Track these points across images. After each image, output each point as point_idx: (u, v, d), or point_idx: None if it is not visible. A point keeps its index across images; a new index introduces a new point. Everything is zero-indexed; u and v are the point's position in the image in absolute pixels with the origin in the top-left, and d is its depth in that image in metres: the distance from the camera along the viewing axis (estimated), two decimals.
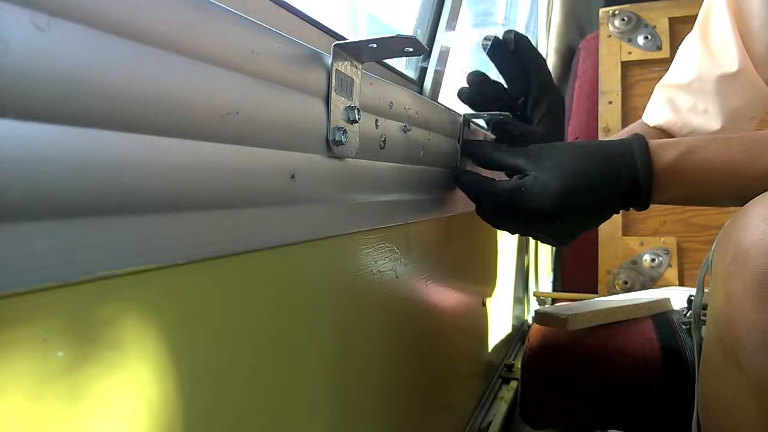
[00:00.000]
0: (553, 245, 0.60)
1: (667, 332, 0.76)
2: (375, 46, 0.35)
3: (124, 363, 0.22)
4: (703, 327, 0.47)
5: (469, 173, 0.57)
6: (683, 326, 0.76)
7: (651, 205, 0.51)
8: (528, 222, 0.53)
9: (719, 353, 0.40)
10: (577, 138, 1.37)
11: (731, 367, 0.38)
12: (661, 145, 0.50)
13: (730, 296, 0.38)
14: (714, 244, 0.45)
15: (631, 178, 0.49)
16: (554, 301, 1.34)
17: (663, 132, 0.74)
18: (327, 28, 0.47)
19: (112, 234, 0.21)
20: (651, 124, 0.76)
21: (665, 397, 0.68)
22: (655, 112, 0.76)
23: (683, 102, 0.73)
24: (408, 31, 0.74)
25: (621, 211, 0.55)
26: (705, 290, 0.54)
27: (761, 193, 0.44)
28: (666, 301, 0.82)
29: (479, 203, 0.55)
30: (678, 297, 0.84)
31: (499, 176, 0.56)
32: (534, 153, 0.52)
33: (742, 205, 0.45)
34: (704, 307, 0.53)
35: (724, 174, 0.48)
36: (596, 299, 0.86)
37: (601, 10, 1.30)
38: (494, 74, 0.59)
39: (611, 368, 0.72)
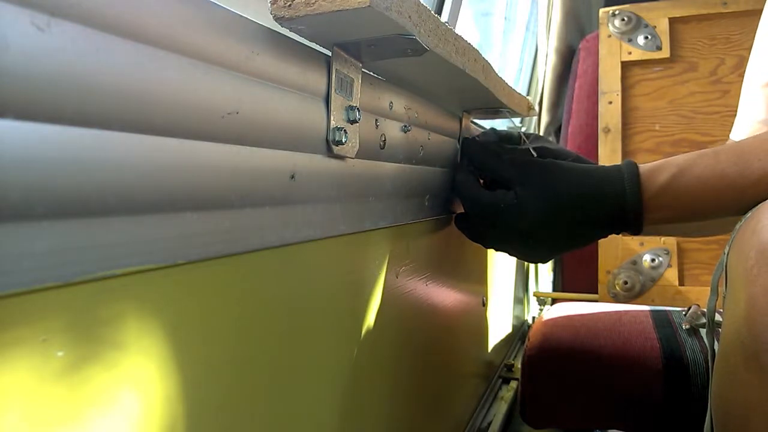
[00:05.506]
0: (527, 261, 0.61)
1: (667, 332, 0.76)
2: (375, 46, 0.35)
3: (125, 363, 0.22)
4: (717, 330, 0.47)
5: (463, 174, 0.57)
6: (684, 326, 0.76)
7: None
8: (501, 238, 0.54)
9: (739, 356, 0.38)
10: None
11: (753, 371, 0.37)
12: (653, 169, 0.50)
13: (754, 298, 0.37)
14: (728, 246, 0.44)
15: (617, 206, 0.50)
16: (554, 301, 1.34)
17: None
18: None
19: (112, 234, 0.21)
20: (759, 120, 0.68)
21: (666, 396, 0.68)
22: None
23: None
24: None
25: None
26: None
27: (755, 199, 0.44)
28: None
29: (464, 208, 0.56)
30: None
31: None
32: (526, 169, 0.52)
33: (737, 215, 0.45)
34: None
35: (717, 188, 0.48)
36: None
37: (601, 10, 1.30)
38: None
39: (611, 368, 0.72)
